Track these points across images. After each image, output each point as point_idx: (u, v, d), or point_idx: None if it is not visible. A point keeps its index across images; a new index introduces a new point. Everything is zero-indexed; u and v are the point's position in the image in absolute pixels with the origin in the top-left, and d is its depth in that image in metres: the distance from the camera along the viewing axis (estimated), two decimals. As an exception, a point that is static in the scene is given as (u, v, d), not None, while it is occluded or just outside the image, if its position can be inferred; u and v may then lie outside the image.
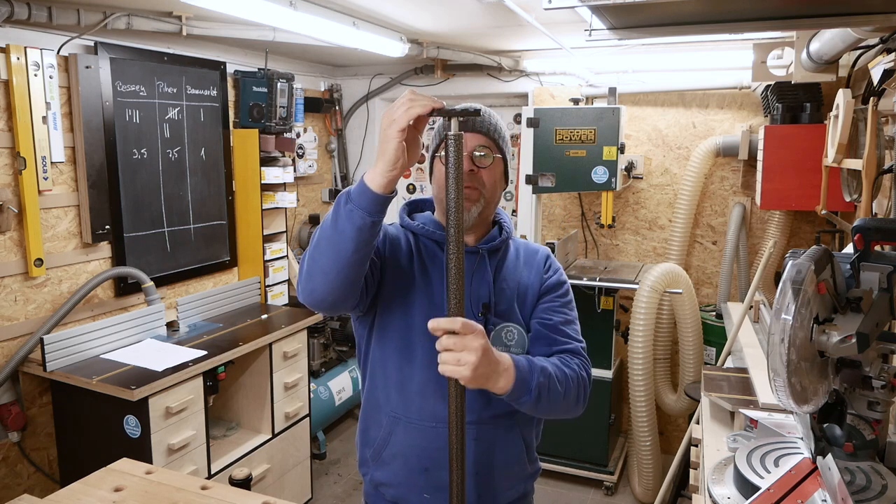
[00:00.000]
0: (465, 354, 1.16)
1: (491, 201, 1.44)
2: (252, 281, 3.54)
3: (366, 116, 4.56)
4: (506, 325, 1.43)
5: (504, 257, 1.49)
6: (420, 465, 1.41)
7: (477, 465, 1.37)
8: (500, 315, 1.43)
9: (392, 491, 1.47)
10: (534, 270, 1.49)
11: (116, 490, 1.46)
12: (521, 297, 1.47)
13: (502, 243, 1.49)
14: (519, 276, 1.48)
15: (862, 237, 1.33)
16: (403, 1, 2.61)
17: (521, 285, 1.47)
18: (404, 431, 1.42)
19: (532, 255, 1.53)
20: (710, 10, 1.45)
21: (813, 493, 1.31)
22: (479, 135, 1.41)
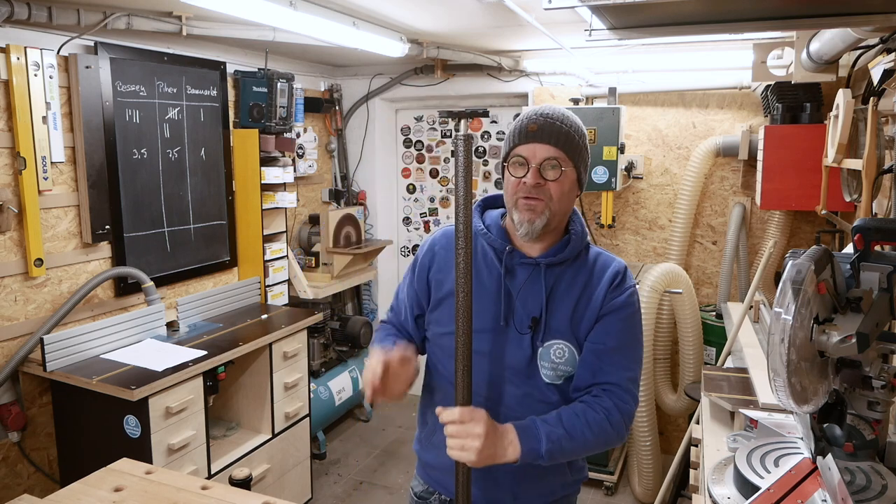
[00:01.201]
0: (468, 441, 1.23)
1: (558, 213, 1.40)
2: (252, 281, 3.54)
3: (366, 116, 4.56)
4: (556, 343, 1.40)
5: (569, 270, 1.44)
6: None
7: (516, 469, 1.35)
8: (551, 330, 1.40)
9: (436, 474, 1.55)
10: (601, 287, 1.42)
11: (116, 490, 1.46)
12: (579, 313, 1.42)
13: (567, 257, 1.43)
14: (582, 291, 1.42)
15: (862, 237, 1.33)
16: (403, 1, 2.61)
17: (583, 301, 1.42)
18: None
19: (602, 270, 1.45)
20: (710, 10, 1.45)
21: (813, 493, 1.31)
22: (549, 146, 1.37)
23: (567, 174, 1.38)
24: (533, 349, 1.40)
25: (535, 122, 1.37)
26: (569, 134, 1.38)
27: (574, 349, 1.41)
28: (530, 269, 1.43)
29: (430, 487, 1.58)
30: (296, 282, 3.88)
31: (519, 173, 1.38)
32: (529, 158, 1.37)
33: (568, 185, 1.39)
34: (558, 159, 1.37)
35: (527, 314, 1.41)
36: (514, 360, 1.42)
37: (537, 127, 1.37)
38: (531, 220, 1.37)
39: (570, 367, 1.41)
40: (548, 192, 1.37)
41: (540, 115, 1.39)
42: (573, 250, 1.44)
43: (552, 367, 1.40)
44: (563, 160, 1.37)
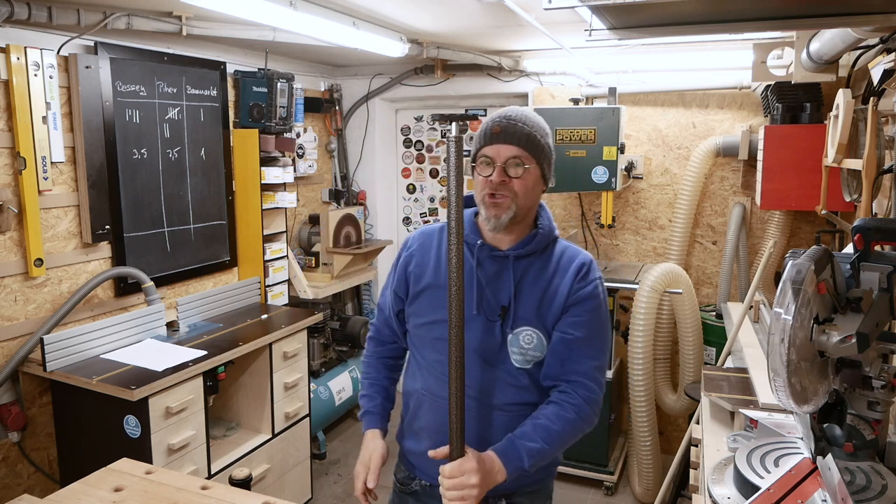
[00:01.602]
0: (466, 491, 1.33)
1: (523, 207, 1.49)
2: (252, 281, 3.54)
3: (366, 116, 4.56)
4: (524, 330, 1.50)
5: (536, 261, 1.53)
6: (438, 438, 1.49)
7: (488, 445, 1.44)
8: (519, 319, 1.50)
9: (416, 459, 1.64)
10: (567, 279, 1.51)
11: (116, 490, 1.46)
12: (547, 303, 1.50)
13: (534, 249, 1.53)
14: (549, 281, 1.51)
15: (862, 237, 1.33)
16: (403, 1, 2.61)
17: (550, 291, 1.50)
18: (429, 408, 1.57)
19: (569, 262, 1.54)
20: (710, 10, 1.45)
21: (813, 493, 1.31)
22: (512, 146, 1.46)
23: (530, 171, 1.48)
24: (503, 336, 1.50)
25: (499, 125, 1.47)
26: (530, 134, 1.48)
27: (542, 336, 1.50)
28: (500, 262, 1.53)
29: (412, 473, 1.66)
30: (296, 282, 3.88)
31: (486, 172, 1.48)
32: (495, 158, 1.47)
33: (532, 182, 1.49)
34: (521, 158, 1.46)
35: (497, 303, 1.50)
36: (486, 346, 1.51)
37: (501, 129, 1.47)
38: (497, 215, 1.47)
39: (539, 352, 1.50)
40: (513, 189, 1.47)
41: (503, 117, 1.49)
42: (540, 243, 1.54)
43: (521, 352, 1.50)
44: (525, 158, 1.47)
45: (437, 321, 1.54)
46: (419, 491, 1.66)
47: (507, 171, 1.46)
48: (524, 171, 1.47)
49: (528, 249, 1.53)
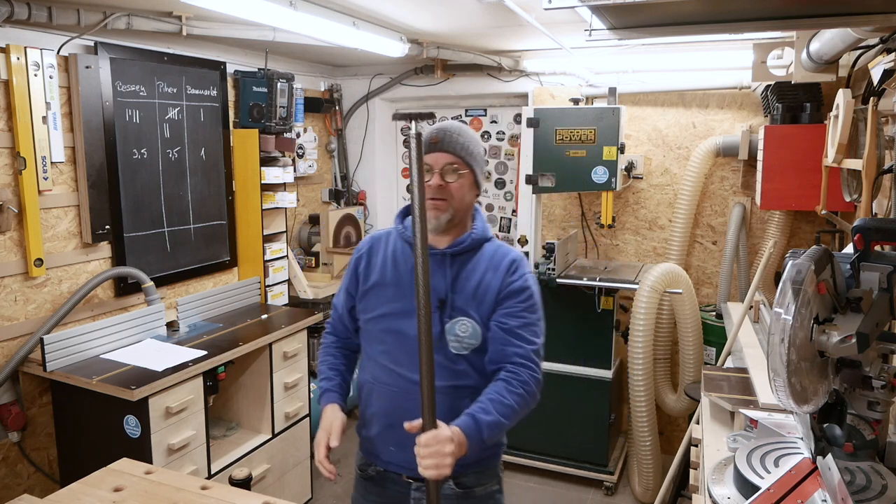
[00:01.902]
0: (442, 460, 1.42)
1: (459, 209, 1.67)
2: (252, 281, 3.54)
3: (366, 116, 4.56)
4: (460, 319, 1.65)
5: (470, 259, 1.69)
6: (386, 422, 1.68)
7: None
8: (456, 310, 1.65)
9: (368, 446, 1.76)
10: (498, 274, 1.67)
11: (116, 490, 1.46)
12: (480, 296, 1.66)
13: (468, 248, 1.69)
14: (482, 277, 1.67)
15: (862, 237, 1.33)
16: (403, 1, 2.61)
17: (482, 285, 1.66)
18: (378, 395, 1.71)
19: (500, 259, 1.70)
20: (710, 10, 1.45)
21: (813, 493, 1.31)
22: (447, 154, 1.64)
23: (465, 176, 1.66)
24: (441, 325, 1.64)
25: (437, 136, 1.64)
26: (465, 144, 1.65)
27: (476, 325, 1.65)
28: (438, 259, 1.67)
29: (368, 460, 1.78)
30: (296, 282, 3.88)
31: (425, 178, 1.61)
32: (433, 165, 1.64)
33: (467, 186, 1.67)
34: (457, 164, 1.64)
35: (435, 296, 1.64)
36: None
37: (439, 139, 1.64)
38: (437, 216, 1.64)
39: (474, 340, 1.65)
40: (450, 192, 1.64)
41: (440, 129, 1.66)
42: (474, 243, 1.70)
43: (458, 339, 1.64)
44: (461, 165, 1.65)
45: (383, 315, 1.70)
46: (375, 476, 1.77)
47: (444, 177, 1.63)
48: (460, 176, 1.64)
49: (463, 248, 1.69)
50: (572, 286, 3.45)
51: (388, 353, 1.68)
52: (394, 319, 1.67)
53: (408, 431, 1.47)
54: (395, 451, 1.69)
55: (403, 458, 1.64)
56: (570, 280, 3.44)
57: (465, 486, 1.71)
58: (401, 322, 1.66)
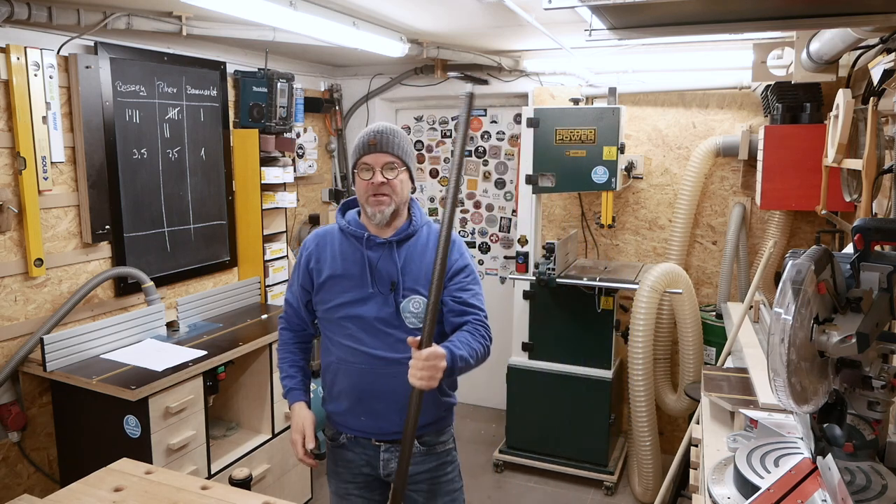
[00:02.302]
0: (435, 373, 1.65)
1: (400, 202, 1.87)
2: (252, 281, 3.54)
3: (366, 116, 4.56)
4: (413, 297, 1.86)
5: (414, 244, 1.90)
6: (354, 396, 1.89)
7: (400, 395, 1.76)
8: (407, 289, 1.86)
9: (339, 418, 1.96)
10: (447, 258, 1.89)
11: (116, 490, 1.46)
12: (426, 274, 1.85)
13: (410, 234, 1.90)
14: (427, 258, 1.87)
15: (862, 237, 1.33)
16: (403, 1, 2.61)
17: (426, 264, 1.86)
18: (344, 374, 1.90)
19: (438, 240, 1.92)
20: (710, 10, 1.45)
21: (813, 493, 1.31)
22: (387, 154, 1.82)
23: (402, 172, 1.86)
24: (396, 304, 1.85)
25: (374, 138, 1.83)
26: (399, 143, 1.85)
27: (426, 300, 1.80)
28: (385, 247, 1.88)
29: (338, 430, 1.99)
30: (296, 282, 3.88)
31: (367, 177, 1.83)
32: (374, 164, 1.82)
33: (404, 180, 1.87)
34: (395, 162, 1.83)
35: (388, 279, 1.86)
36: (384, 314, 1.86)
37: (376, 141, 1.82)
38: (381, 210, 1.84)
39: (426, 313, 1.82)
40: (391, 188, 1.83)
41: (376, 132, 1.84)
42: (414, 228, 1.91)
43: (413, 315, 1.85)
44: (398, 163, 1.84)
45: (342, 304, 1.88)
46: (346, 443, 1.97)
47: (384, 174, 1.82)
48: (398, 172, 1.84)
49: (406, 234, 1.89)
50: (572, 286, 3.45)
51: (351, 336, 1.88)
52: (352, 307, 1.87)
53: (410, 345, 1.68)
54: (366, 420, 1.90)
55: (373, 426, 1.90)
56: (570, 280, 3.44)
57: (427, 445, 1.94)
58: (358, 308, 1.86)
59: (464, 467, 2.10)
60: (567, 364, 3.58)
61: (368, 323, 1.85)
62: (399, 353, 1.81)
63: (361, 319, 1.86)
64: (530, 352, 3.66)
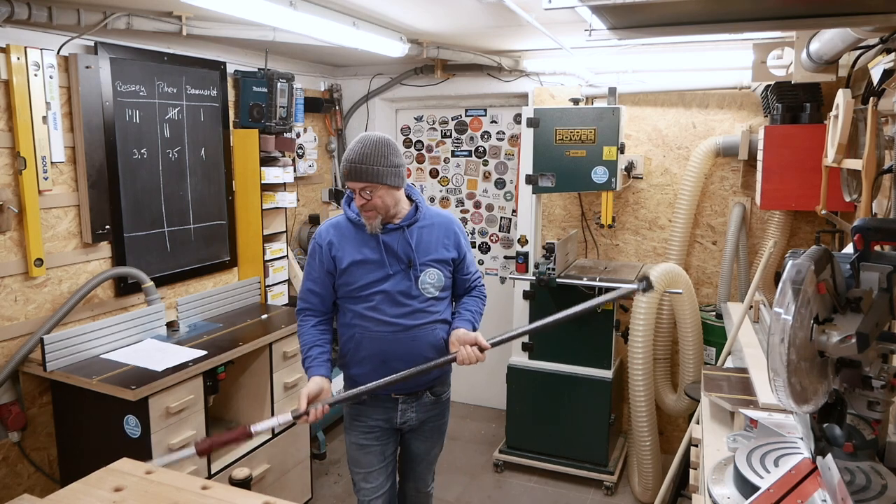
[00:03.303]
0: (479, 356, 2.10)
1: (385, 210, 2.14)
2: (252, 281, 3.54)
3: (366, 116, 4.56)
4: (428, 271, 2.20)
5: (423, 226, 2.22)
6: (378, 359, 2.18)
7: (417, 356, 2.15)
8: (422, 264, 2.19)
9: (362, 378, 2.17)
10: (451, 234, 2.26)
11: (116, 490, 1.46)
12: (440, 249, 2.22)
13: (418, 217, 2.21)
14: (435, 236, 2.23)
15: (862, 237, 1.33)
16: (403, 1, 2.61)
17: (435, 241, 2.22)
18: (369, 341, 2.19)
19: (446, 222, 2.28)
20: (710, 10, 1.45)
21: (813, 493, 1.31)
22: (360, 182, 2.08)
23: (379, 189, 2.09)
24: (414, 278, 2.18)
25: (347, 168, 2.09)
26: (369, 169, 2.07)
27: (439, 271, 2.22)
28: (398, 232, 2.18)
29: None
30: (296, 282, 3.88)
31: (353, 196, 2.15)
32: (354, 189, 2.12)
33: (383, 194, 2.11)
34: (368, 187, 2.09)
35: (405, 258, 2.17)
36: (404, 287, 2.17)
37: (348, 171, 2.09)
38: (370, 222, 2.15)
39: (440, 283, 2.22)
40: (373, 205, 2.11)
41: (349, 161, 2.09)
42: (418, 214, 2.22)
43: (430, 285, 2.20)
44: (371, 187, 2.09)
45: (369, 283, 2.16)
46: (367, 400, 2.25)
47: (362, 195, 2.10)
48: (373, 194, 2.09)
49: (414, 219, 2.20)
50: (572, 286, 3.45)
51: (374, 308, 2.16)
52: (377, 284, 2.16)
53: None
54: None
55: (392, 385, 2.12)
56: (570, 280, 3.44)
57: (436, 394, 2.34)
58: (382, 284, 2.16)
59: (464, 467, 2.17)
60: (567, 364, 3.58)
61: (391, 296, 2.16)
62: (417, 321, 2.18)
63: (385, 293, 2.16)
64: (530, 352, 3.66)
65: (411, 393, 2.27)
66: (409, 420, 2.30)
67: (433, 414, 2.37)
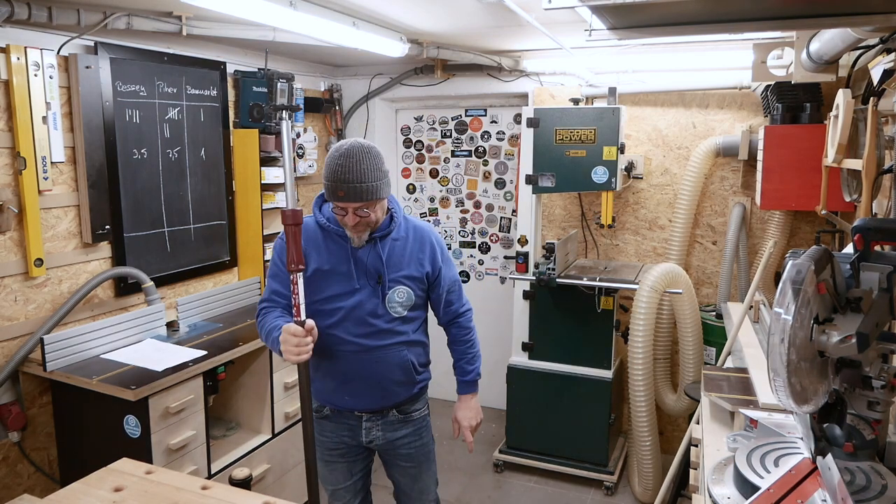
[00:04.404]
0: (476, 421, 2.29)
1: (378, 222, 2.01)
2: (252, 281, 3.54)
3: (366, 116, 4.56)
4: (397, 289, 2.04)
5: (395, 238, 2.06)
6: (343, 378, 2.08)
7: (379, 377, 2.06)
8: (392, 280, 2.03)
9: (324, 394, 2.14)
10: (426, 247, 2.09)
11: (116, 490, 1.46)
12: (412, 266, 2.06)
13: (392, 230, 2.05)
14: (409, 250, 2.07)
15: (862, 237, 1.33)
16: (403, 1, 2.61)
17: (412, 258, 2.06)
18: (330, 358, 2.06)
19: (422, 234, 2.11)
20: (710, 10, 1.45)
21: (813, 493, 1.31)
22: (356, 202, 1.91)
23: (372, 204, 1.94)
24: (382, 295, 2.02)
25: (342, 189, 1.88)
26: (367, 188, 1.89)
27: (409, 289, 2.06)
28: (369, 243, 2.02)
29: (321, 404, 2.17)
30: (296, 282, 3.88)
31: (341, 213, 1.94)
32: (346, 208, 1.92)
33: (379, 209, 1.98)
34: (365, 205, 1.92)
35: (374, 273, 2.02)
36: (370, 305, 2.02)
37: (344, 192, 1.88)
38: (359, 236, 1.99)
39: (409, 301, 2.06)
40: (366, 222, 1.96)
41: (345, 182, 1.88)
42: (393, 226, 2.06)
43: (398, 304, 2.04)
44: (368, 205, 1.93)
45: (330, 297, 2.02)
46: (329, 414, 2.17)
47: (357, 214, 1.92)
48: (369, 210, 1.94)
49: (388, 231, 2.04)
50: (572, 286, 3.45)
51: (336, 325, 2.02)
52: (340, 299, 2.01)
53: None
54: (350, 399, 2.11)
55: (355, 403, 2.10)
56: (570, 280, 3.44)
57: (404, 413, 2.17)
58: (346, 300, 2.01)
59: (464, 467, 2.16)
60: (567, 364, 3.58)
61: (355, 314, 2.01)
62: (381, 342, 2.04)
63: (348, 310, 2.01)
64: (530, 352, 3.66)
65: (374, 411, 2.13)
66: (376, 439, 2.16)
67: (404, 434, 2.18)
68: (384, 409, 2.14)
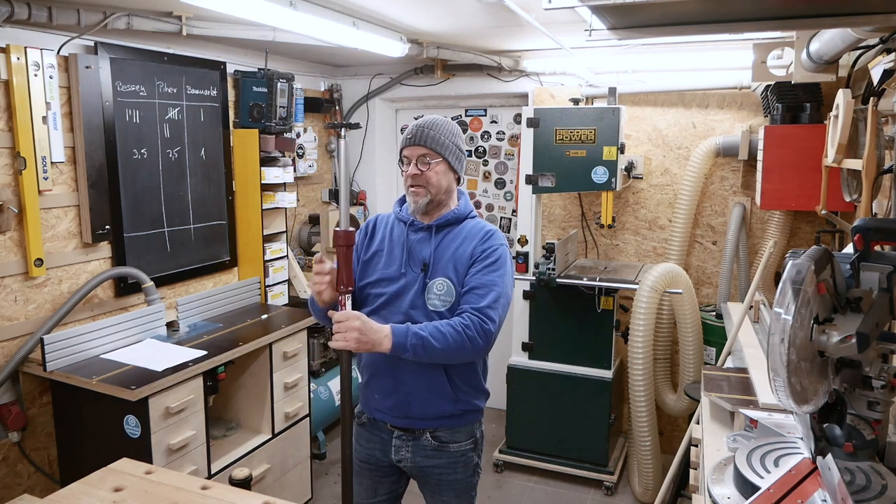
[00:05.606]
0: (348, 333, 1.75)
1: (438, 191, 1.93)
2: (252, 281, 3.54)
3: (366, 116, 4.56)
4: (437, 280, 1.93)
5: (452, 231, 1.98)
6: (372, 372, 2.00)
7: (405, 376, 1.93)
8: (436, 272, 1.94)
9: (361, 393, 2.09)
10: (473, 242, 1.95)
11: (116, 490, 1.46)
12: (457, 261, 1.94)
13: (450, 221, 1.98)
14: (459, 245, 1.96)
15: (862, 237, 1.33)
16: (403, 1, 2.61)
17: (459, 251, 1.95)
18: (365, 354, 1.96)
19: (477, 231, 1.98)
20: (710, 10, 1.45)
21: (813, 493, 1.31)
22: (420, 147, 1.90)
23: (438, 164, 1.91)
24: (423, 284, 1.93)
25: (412, 132, 1.91)
26: (436, 136, 1.90)
27: (452, 285, 1.92)
28: (425, 231, 1.98)
29: (362, 409, 2.11)
30: (296, 282, 3.88)
31: (405, 168, 1.94)
32: (410, 157, 1.92)
33: (441, 172, 1.92)
34: (428, 155, 1.90)
35: (421, 260, 1.95)
36: (412, 296, 1.94)
37: (413, 135, 1.90)
38: (416, 200, 1.93)
39: (449, 297, 1.92)
40: (426, 179, 1.91)
41: (416, 125, 1.92)
42: (456, 217, 1.99)
43: (436, 296, 1.92)
44: (432, 155, 1.90)
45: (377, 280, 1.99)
46: (367, 423, 2.09)
47: (419, 166, 1.90)
48: (431, 164, 1.90)
49: (445, 221, 1.97)
50: (572, 286, 3.45)
51: (377, 311, 1.95)
52: (384, 284, 1.97)
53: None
54: (379, 399, 2.01)
55: (385, 406, 2.00)
56: (570, 280, 3.44)
57: (440, 441, 2.00)
58: (390, 286, 1.96)
59: None
60: (567, 364, 3.58)
61: (395, 303, 1.95)
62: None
63: (389, 297, 1.96)
64: (530, 352, 3.66)
65: (407, 429, 2.00)
66: (404, 459, 2.02)
67: (437, 464, 2.01)
68: (416, 430, 1.99)
